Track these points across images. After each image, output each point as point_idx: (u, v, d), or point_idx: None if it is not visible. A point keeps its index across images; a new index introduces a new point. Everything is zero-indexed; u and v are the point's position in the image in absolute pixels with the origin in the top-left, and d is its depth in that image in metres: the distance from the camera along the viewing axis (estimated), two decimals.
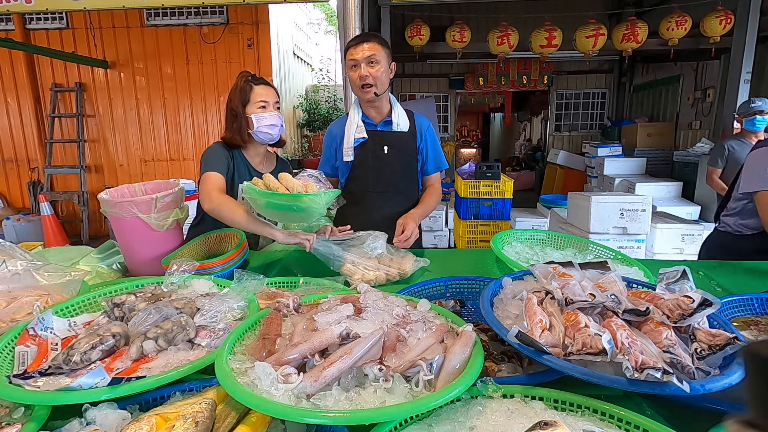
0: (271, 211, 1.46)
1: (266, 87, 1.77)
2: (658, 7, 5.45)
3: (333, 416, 0.64)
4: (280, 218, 1.68)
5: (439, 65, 6.96)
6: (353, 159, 1.91)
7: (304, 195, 1.36)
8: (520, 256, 1.60)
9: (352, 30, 3.28)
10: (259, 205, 1.43)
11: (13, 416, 0.75)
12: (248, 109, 1.74)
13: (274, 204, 1.39)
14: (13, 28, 5.93)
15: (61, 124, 6.21)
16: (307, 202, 1.37)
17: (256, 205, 1.45)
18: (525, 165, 9.21)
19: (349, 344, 0.78)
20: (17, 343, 0.91)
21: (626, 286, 1.00)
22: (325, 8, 11.42)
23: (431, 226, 5.26)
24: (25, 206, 6.50)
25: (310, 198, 1.36)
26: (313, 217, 1.48)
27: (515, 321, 0.92)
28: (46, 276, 1.19)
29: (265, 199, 1.38)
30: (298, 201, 1.36)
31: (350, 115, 1.94)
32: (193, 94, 6.09)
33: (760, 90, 4.94)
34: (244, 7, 5.70)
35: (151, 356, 0.88)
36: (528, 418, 0.71)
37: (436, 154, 2.01)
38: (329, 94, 8.43)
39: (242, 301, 1.07)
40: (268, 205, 1.40)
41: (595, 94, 7.22)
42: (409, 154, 1.95)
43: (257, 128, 1.73)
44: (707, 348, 0.77)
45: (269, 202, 1.38)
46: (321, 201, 1.39)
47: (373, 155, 1.91)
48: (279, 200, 1.37)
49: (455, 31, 4.83)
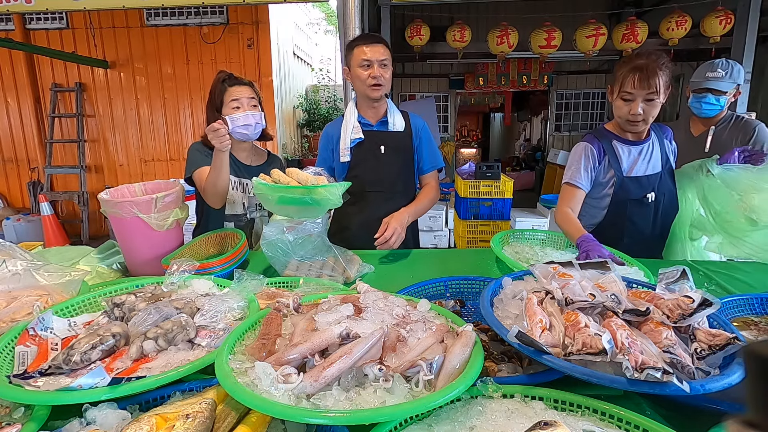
0: (282, 207, 1.45)
1: (240, 87, 1.80)
2: (658, 7, 5.44)
3: (333, 416, 0.64)
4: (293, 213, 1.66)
5: (439, 65, 6.95)
6: (350, 159, 1.91)
7: (318, 186, 1.36)
8: (520, 256, 1.60)
9: (352, 30, 3.28)
10: (270, 201, 1.42)
11: (13, 416, 0.75)
12: (224, 111, 1.78)
13: (286, 198, 1.38)
14: (13, 28, 5.93)
15: (61, 124, 6.21)
16: (323, 194, 1.36)
17: (266, 201, 1.44)
18: (525, 165, 9.20)
19: (349, 344, 0.78)
20: (17, 343, 0.91)
21: (626, 286, 1.00)
22: (325, 8, 11.42)
23: (431, 226, 5.26)
24: (25, 206, 6.50)
25: (326, 189, 1.36)
26: (325, 210, 1.48)
27: (515, 321, 0.92)
28: (46, 276, 1.19)
29: (276, 193, 1.38)
30: (312, 193, 1.35)
31: (346, 115, 1.94)
32: (193, 94, 6.08)
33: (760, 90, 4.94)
34: (244, 7, 5.69)
35: (151, 356, 0.88)
36: (528, 418, 0.71)
37: (432, 153, 2.01)
38: (329, 94, 8.43)
39: (242, 301, 1.07)
40: (281, 200, 1.39)
41: (595, 94, 7.21)
42: (405, 153, 1.96)
43: (232, 129, 1.76)
44: (707, 348, 0.77)
45: (282, 196, 1.38)
46: (336, 192, 1.40)
47: (370, 155, 1.92)
48: (293, 194, 1.37)
49: (455, 31, 4.83)
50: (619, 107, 1.67)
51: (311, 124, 7.83)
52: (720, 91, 2.07)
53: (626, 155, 1.75)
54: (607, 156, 1.74)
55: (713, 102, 2.11)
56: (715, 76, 2.07)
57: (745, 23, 4.25)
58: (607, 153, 1.74)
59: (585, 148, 1.75)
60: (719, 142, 2.15)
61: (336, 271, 1.47)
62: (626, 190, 1.73)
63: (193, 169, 1.80)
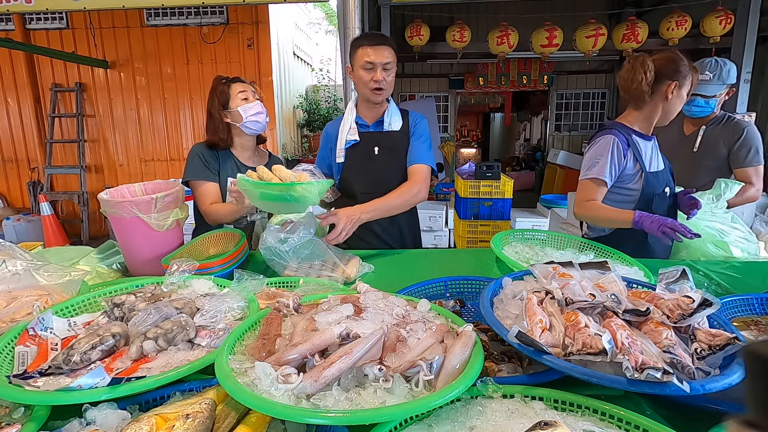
0: (265, 203, 1.47)
1: (242, 83, 1.84)
2: (658, 7, 5.44)
3: (333, 416, 0.64)
4: (274, 209, 1.66)
5: (439, 65, 6.95)
6: (344, 161, 1.91)
7: (296, 184, 1.37)
8: (520, 256, 1.60)
9: (352, 30, 3.28)
10: (253, 196, 1.44)
11: (13, 416, 0.75)
12: (232, 105, 1.80)
13: (267, 195, 1.40)
14: (13, 28, 5.93)
15: (61, 124, 6.21)
16: (300, 191, 1.37)
17: (251, 196, 1.45)
18: (525, 165, 9.20)
19: (349, 344, 0.78)
20: (17, 343, 0.91)
21: (626, 286, 1.00)
22: (325, 8, 11.41)
23: (431, 226, 5.27)
24: (25, 206, 6.50)
25: (303, 187, 1.37)
26: (306, 206, 1.49)
27: (515, 321, 0.92)
28: (46, 276, 1.19)
29: (258, 189, 1.39)
30: (291, 190, 1.37)
31: (345, 116, 1.94)
32: (193, 94, 6.08)
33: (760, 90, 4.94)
34: (244, 7, 5.69)
35: (151, 356, 0.88)
36: (528, 418, 0.71)
37: (420, 148, 1.89)
38: (329, 94, 8.43)
39: (242, 301, 1.07)
40: (262, 196, 1.41)
41: (595, 94, 7.21)
42: (401, 153, 1.92)
43: (245, 119, 1.78)
44: (707, 348, 0.77)
45: (263, 192, 1.39)
46: (314, 190, 1.40)
47: (364, 158, 1.90)
48: (272, 191, 1.38)
49: (455, 31, 4.83)
50: (677, 105, 1.70)
51: (311, 124, 7.83)
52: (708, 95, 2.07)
53: (644, 150, 1.75)
54: (631, 149, 1.72)
55: (702, 105, 2.10)
56: (703, 79, 2.04)
57: (745, 23, 4.25)
58: (632, 146, 1.73)
59: (613, 141, 1.71)
60: (709, 142, 2.16)
61: (336, 271, 1.47)
62: (651, 184, 1.73)
63: (191, 177, 1.82)
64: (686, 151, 2.18)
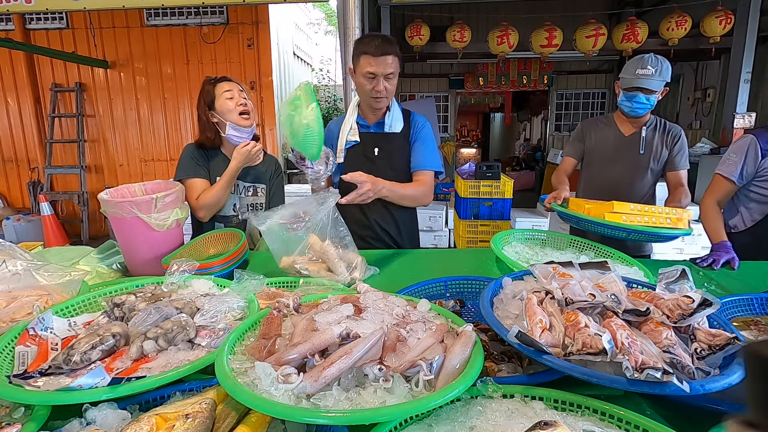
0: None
1: (228, 82, 1.87)
2: (658, 7, 5.45)
3: (333, 416, 0.64)
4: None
5: (439, 65, 6.96)
6: (344, 161, 1.91)
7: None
8: (520, 256, 1.60)
9: (352, 30, 3.28)
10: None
11: (13, 416, 0.75)
12: (217, 104, 1.83)
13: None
14: (13, 28, 5.93)
15: (61, 124, 6.21)
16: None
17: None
18: (525, 165, 9.21)
19: (349, 344, 0.78)
20: (17, 343, 0.91)
21: (626, 286, 1.00)
22: (325, 8, 11.42)
23: (431, 226, 5.26)
24: (25, 206, 6.50)
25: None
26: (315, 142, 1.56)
27: (515, 321, 0.92)
28: (46, 276, 1.19)
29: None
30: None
31: (347, 116, 1.93)
32: (193, 94, 6.08)
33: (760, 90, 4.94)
34: (244, 7, 5.69)
35: (151, 356, 0.88)
36: (528, 418, 0.71)
37: (426, 153, 1.90)
38: (329, 94, 8.43)
39: (242, 301, 1.07)
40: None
41: (595, 94, 7.21)
42: (401, 154, 1.91)
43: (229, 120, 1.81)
44: (707, 348, 0.77)
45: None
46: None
47: (363, 158, 1.89)
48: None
49: (455, 31, 4.84)
50: None
51: None
52: (650, 90, 1.96)
53: None
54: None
55: (644, 101, 1.99)
56: (645, 74, 1.92)
57: (745, 23, 4.26)
58: None
59: (752, 141, 1.78)
60: (650, 145, 2.11)
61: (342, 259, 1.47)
62: None
63: (182, 175, 1.83)
64: (633, 153, 2.12)
